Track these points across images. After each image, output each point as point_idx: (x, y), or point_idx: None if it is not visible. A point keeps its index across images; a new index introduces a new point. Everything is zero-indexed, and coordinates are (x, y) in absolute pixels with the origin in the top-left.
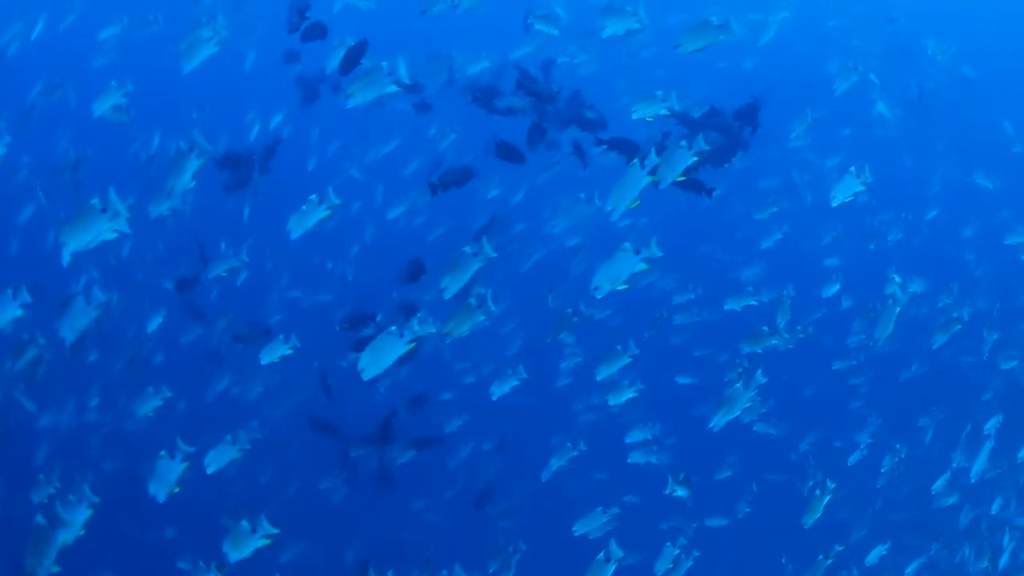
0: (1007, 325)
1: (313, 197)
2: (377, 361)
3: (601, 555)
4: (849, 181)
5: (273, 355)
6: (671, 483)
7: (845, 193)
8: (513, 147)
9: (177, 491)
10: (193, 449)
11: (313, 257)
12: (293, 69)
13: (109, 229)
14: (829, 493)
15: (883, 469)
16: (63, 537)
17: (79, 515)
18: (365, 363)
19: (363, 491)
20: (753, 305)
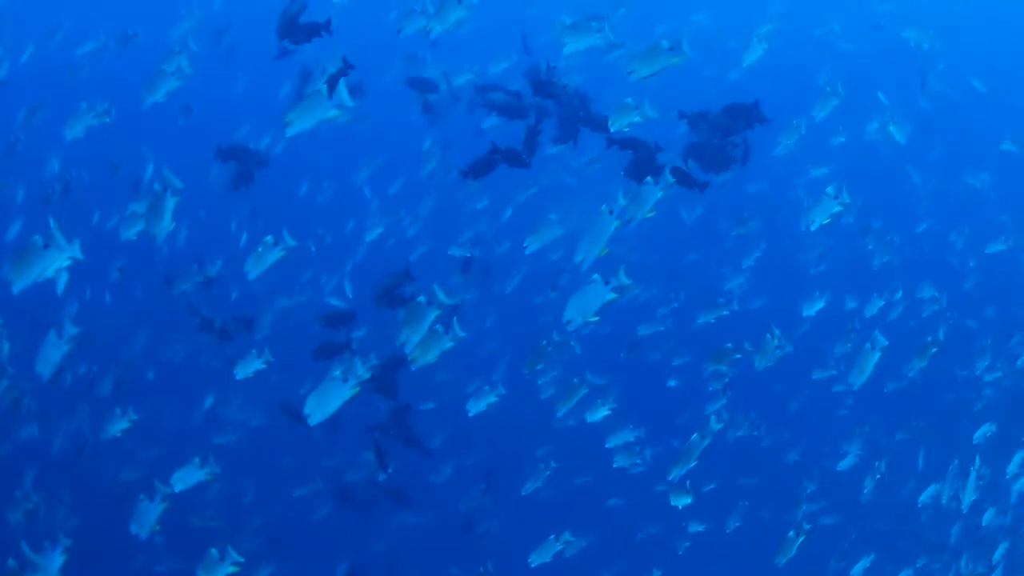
0: (999, 335)
1: (269, 239)
2: (322, 407)
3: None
4: (826, 203)
5: (247, 370)
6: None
7: (822, 216)
8: (516, 152)
9: (158, 529)
10: (170, 490)
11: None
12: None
13: (60, 262)
14: (804, 535)
15: (867, 480)
16: None
17: (53, 562)
18: (311, 408)
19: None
20: (726, 315)
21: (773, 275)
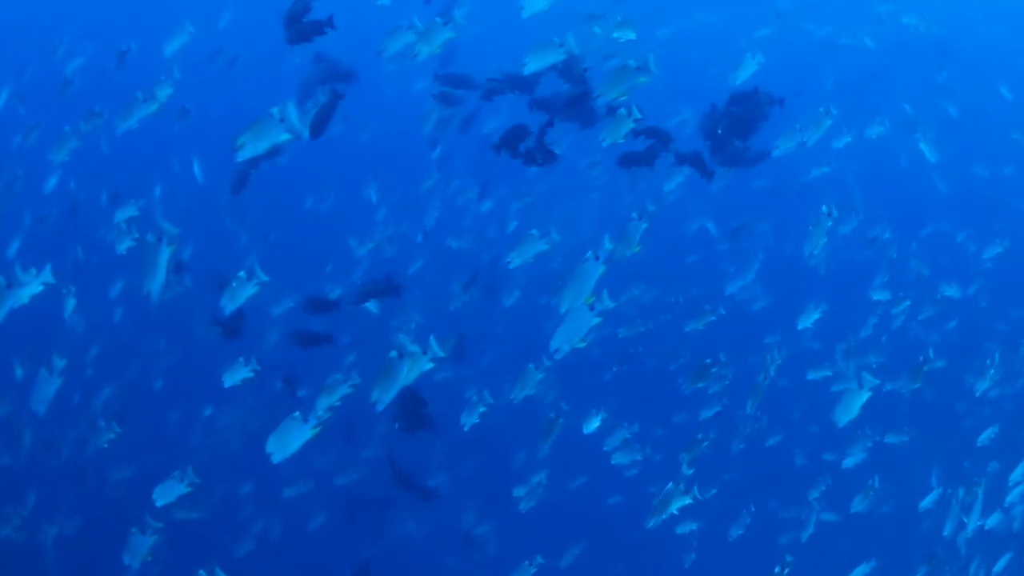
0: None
1: (242, 273)
2: (284, 446)
3: None
4: (823, 222)
5: (235, 378)
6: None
7: (821, 237)
8: (547, 149)
9: (150, 559)
10: (161, 524)
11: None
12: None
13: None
14: (788, 567)
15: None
16: None
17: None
18: (272, 447)
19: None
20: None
21: (775, 277)
